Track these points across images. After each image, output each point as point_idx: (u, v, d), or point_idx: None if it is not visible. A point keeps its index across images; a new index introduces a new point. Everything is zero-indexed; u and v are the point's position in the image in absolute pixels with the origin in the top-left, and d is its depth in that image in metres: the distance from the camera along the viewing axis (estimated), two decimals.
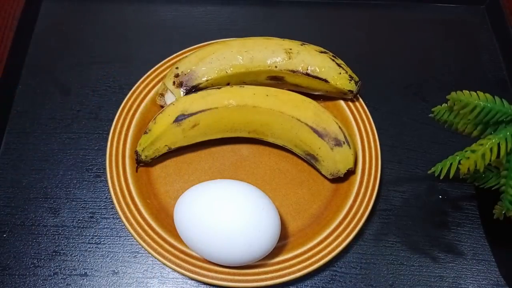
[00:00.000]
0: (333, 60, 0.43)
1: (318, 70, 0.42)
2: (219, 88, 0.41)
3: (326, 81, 0.42)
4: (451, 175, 0.32)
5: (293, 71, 0.42)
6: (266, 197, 0.36)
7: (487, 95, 0.31)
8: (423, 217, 0.41)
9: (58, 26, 0.52)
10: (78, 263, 0.39)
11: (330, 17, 0.54)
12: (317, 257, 0.37)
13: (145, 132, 0.40)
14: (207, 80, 0.42)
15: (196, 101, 0.40)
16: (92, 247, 0.39)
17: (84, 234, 0.40)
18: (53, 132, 0.45)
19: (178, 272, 0.36)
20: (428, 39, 0.53)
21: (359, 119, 0.44)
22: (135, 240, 0.38)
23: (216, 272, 0.36)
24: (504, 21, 0.51)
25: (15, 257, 0.39)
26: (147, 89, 0.44)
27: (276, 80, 0.43)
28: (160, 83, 0.44)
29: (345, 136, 0.40)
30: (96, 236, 0.40)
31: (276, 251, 0.37)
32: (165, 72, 0.45)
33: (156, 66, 0.46)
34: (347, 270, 0.39)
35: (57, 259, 0.39)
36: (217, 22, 0.53)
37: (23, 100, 0.47)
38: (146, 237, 0.37)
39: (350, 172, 0.41)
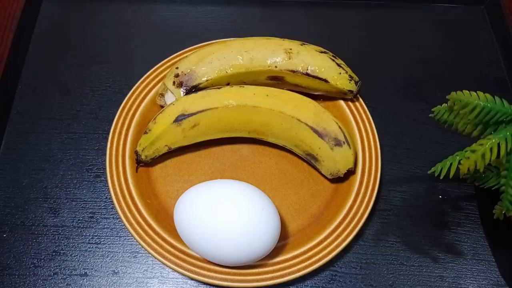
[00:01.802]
0: (333, 60, 0.43)
1: (318, 70, 0.42)
2: (219, 88, 0.41)
3: (326, 81, 0.42)
4: (451, 175, 0.32)
5: (293, 71, 0.42)
6: (266, 197, 0.36)
7: (487, 95, 0.31)
8: (423, 217, 0.41)
9: (58, 26, 0.52)
10: (78, 263, 0.39)
11: (330, 17, 0.54)
12: (317, 257, 0.37)
13: (145, 132, 0.40)
14: (207, 80, 0.42)
15: (196, 101, 0.40)
16: (92, 247, 0.39)
17: (84, 234, 0.40)
18: (53, 132, 0.45)
19: (178, 272, 0.36)
20: (428, 39, 0.53)
21: (359, 119, 0.44)
22: (135, 240, 0.38)
23: (216, 272, 0.36)
24: (504, 21, 0.51)
25: (15, 257, 0.39)
26: (147, 89, 0.44)
27: (276, 80, 0.43)
28: (160, 83, 0.44)
29: (345, 136, 0.40)
30: (96, 236, 0.40)
31: (276, 251, 0.37)
32: (165, 72, 0.45)
33: (156, 66, 0.46)
34: (347, 270, 0.39)
35: (57, 259, 0.39)
36: (217, 22, 0.53)
37: (23, 100, 0.47)
38: (146, 237, 0.37)
39: (350, 172, 0.41)
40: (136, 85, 0.45)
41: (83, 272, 0.38)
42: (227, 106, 0.40)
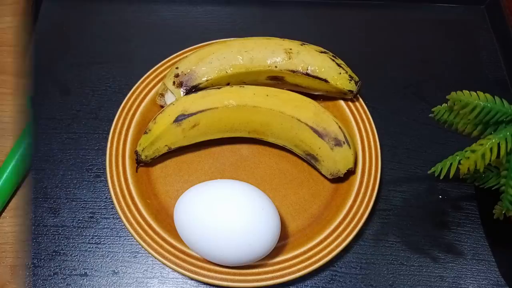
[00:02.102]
0: (333, 60, 0.43)
1: (318, 70, 0.42)
2: (219, 88, 0.41)
3: (326, 81, 0.42)
4: (451, 175, 0.32)
5: (293, 71, 0.42)
6: (266, 197, 0.36)
7: (487, 95, 0.31)
8: (423, 217, 0.41)
9: (58, 26, 0.52)
10: (78, 263, 0.39)
11: (330, 17, 0.54)
12: (317, 257, 0.37)
13: (145, 132, 0.40)
14: (207, 80, 0.42)
15: (196, 101, 0.40)
16: (92, 247, 0.39)
17: (84, 234, 0.40)
18: (53, 132, 0.45)
19: (178, 272, 0.36)
20: (428, 39, 0.53)
21: (359, 119, 0.44)
22: (135, 240, 0.38)
23: (216, 272, 0.36)
24: (504, 21, 0.51)
25: None
26: (147, 89, 0.44)
27: (276, 80, 0.43)
28: (160, 83, 0.44)
29: (345, 136, 0.40)
30: (96, 236, 0.40)
31: (276, 251, 0.37)
32: (165, 72, 0.45)
33: (156, 66, 0.46)
34: (347, 270, 0.39)
35: (57, 259, 0.39)
36: (217, 22, 0.53)
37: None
38: (146, 237, 0.37)
39: (350, 172, 0.41)
40: (136, 85, 0.45)
41: (83, 272, 0.38)
42: (227, 106, 0.40)
